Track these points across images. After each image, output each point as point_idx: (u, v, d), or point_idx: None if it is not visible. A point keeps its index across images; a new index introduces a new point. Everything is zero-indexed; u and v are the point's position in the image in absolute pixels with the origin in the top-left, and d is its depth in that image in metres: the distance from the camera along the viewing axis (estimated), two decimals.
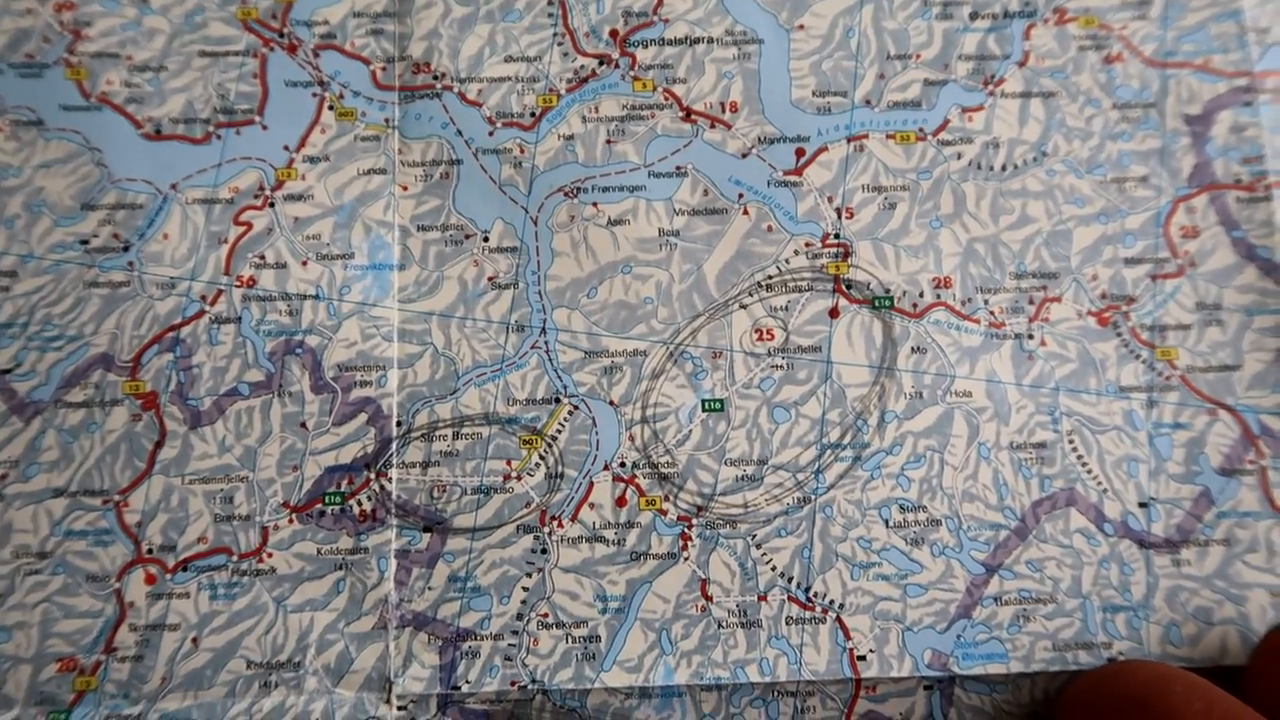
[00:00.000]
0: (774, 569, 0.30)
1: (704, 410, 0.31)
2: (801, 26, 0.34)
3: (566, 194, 0.33)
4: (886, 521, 0.31)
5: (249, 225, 0.32)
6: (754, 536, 0.31)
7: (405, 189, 0.33)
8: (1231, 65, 0.33)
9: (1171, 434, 0.31)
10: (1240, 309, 0.32)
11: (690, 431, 0.31)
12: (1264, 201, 0.33)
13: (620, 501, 0.31)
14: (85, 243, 0.32)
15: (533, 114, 0.33)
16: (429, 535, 0.30)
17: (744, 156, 0.33)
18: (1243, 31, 0.34)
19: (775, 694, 0.30)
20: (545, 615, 0.30)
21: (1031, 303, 0.32)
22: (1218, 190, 0.33)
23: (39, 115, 0.32)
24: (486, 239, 0.32)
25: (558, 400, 0.31)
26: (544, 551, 0.30)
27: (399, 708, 0.30)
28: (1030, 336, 0.32)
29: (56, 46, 0.33)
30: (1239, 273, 0.32)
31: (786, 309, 0.32)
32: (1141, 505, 0.31)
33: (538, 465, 0.31)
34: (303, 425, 0.31)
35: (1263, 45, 0.34)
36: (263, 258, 0.32)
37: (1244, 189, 0.33)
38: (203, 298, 0.32)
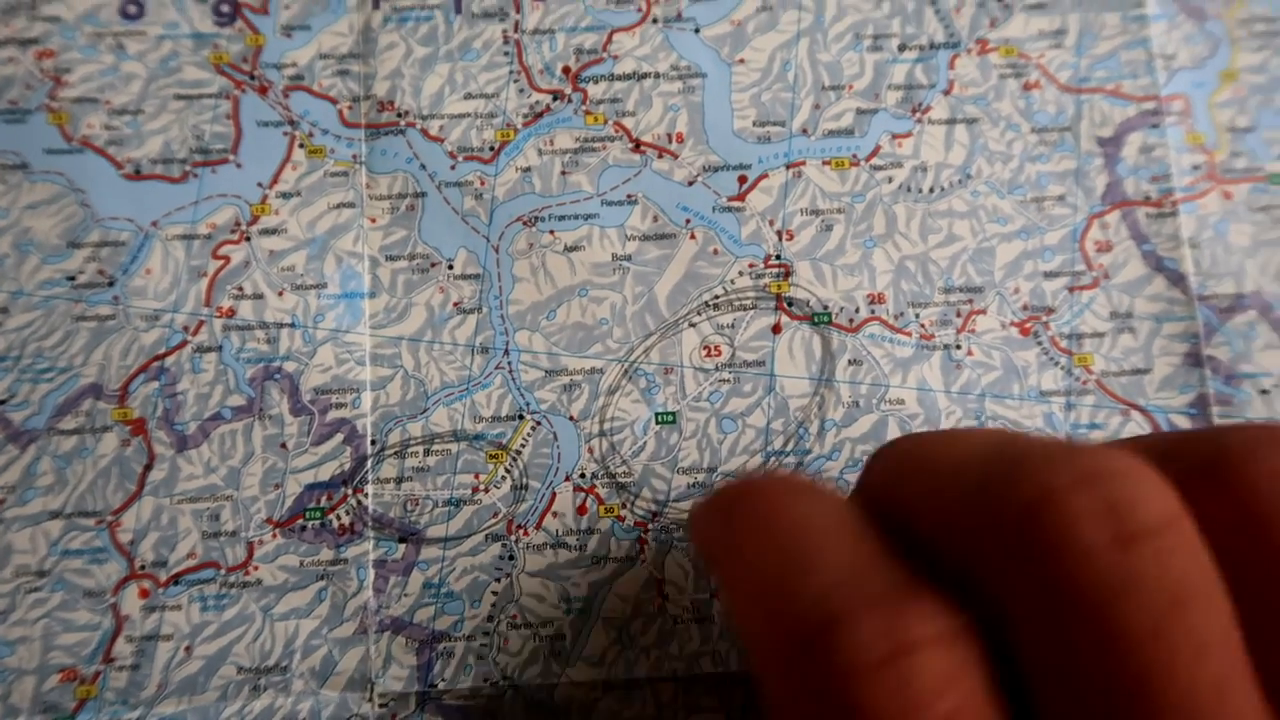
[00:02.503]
0: None
1: (657, 423, 0.34)
2: (742, 60, 0.36)
3: (525, 223, 0.35)
4: None
5: (227, 259, 0.34)
6: None
7: (374, 221, 0.35)
8: (1140, 90, 0.36)
9: (1088, 434, 0.34)
10: (1150, 317, 0.35)
11: (645, 443, 0.34)
12: (1171, 217, 0.35)
13: (581, 510, 0.33)
14: (72, 279, 0.34)
15: (492, 148, 0.35)
16: (404, 546, 0.33)
17: (690, 184, 0.35)
18: (1150, 58, 0.36)
19: (729, 683, 0.32)
20: (514, 617, 0.32)
21: (959, 315, 0.35)
22: (1128, 207, 0.35)
23: (24, 159, 0.34)
24: (451, 267, 0.34)
25: (521, 417, 0.34)
26: (511, 558, 0.33)
27: (380, 705, 0.32)
28: (958, 347, 0.34)
29: (38, 93, 0.35)
30: (1149, 283, 0.35)
31: (732, 326, 0.34)
32: None
33: (504, 478, 0.33)
34: (283, 446, 0.33)
35: (1169, 70, 0.36)
36: (241, 289, 0.34)
37: (1153, 205, 0.35)
38: (185, 328, 0.34)
